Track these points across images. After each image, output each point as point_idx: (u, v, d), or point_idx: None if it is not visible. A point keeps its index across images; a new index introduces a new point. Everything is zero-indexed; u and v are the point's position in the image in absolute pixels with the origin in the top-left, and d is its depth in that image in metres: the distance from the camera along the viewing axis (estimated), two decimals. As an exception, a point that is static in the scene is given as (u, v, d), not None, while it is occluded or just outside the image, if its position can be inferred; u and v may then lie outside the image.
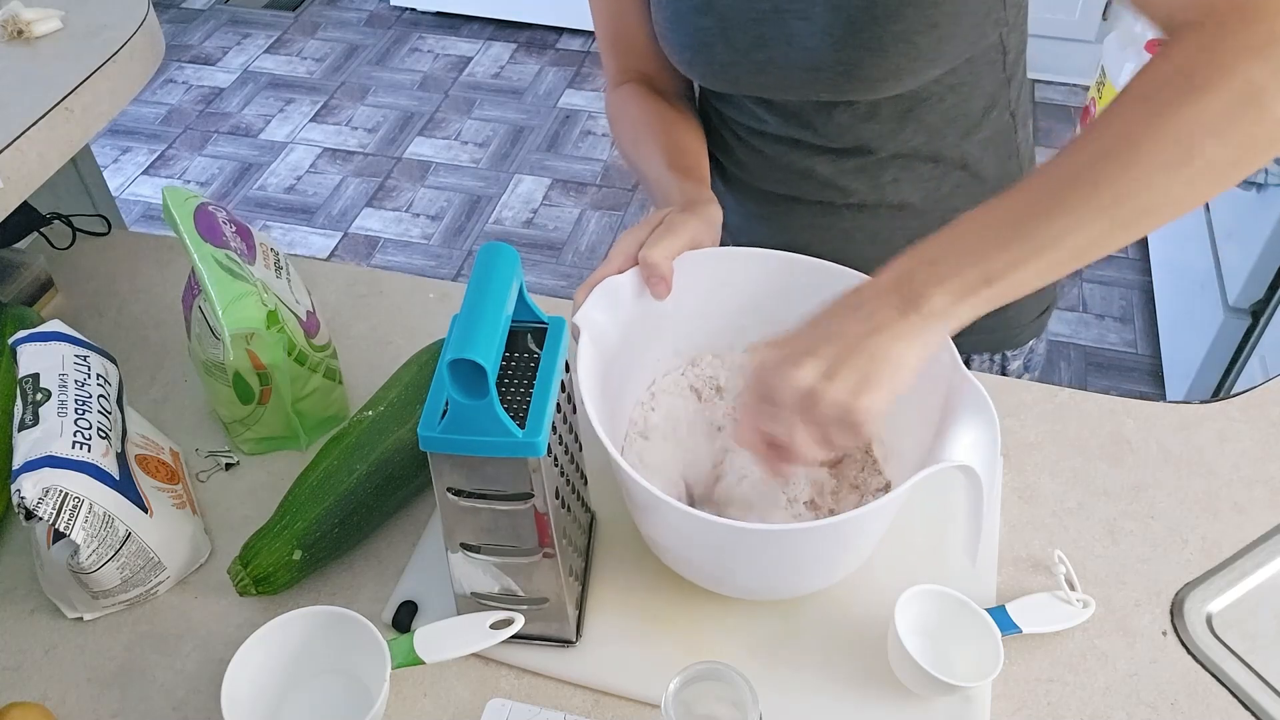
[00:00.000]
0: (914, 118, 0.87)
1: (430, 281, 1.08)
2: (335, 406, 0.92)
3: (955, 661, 0.71)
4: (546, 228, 2.70)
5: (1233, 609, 0.78)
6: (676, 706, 0.61)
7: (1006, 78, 0.89)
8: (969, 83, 0.86)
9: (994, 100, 0.90)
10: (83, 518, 0.71)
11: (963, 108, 0.88)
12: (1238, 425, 0.91)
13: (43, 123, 0.87)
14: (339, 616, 0.71)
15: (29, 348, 0.80)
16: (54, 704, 0.74)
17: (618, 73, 0.98)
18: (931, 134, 0.88)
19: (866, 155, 0.90)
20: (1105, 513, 0.84)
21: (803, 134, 0.90)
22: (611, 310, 0.75)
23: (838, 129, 0.88)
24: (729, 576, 0.74)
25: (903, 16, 0.77)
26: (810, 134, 0.90)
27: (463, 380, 0.58)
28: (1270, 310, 1.83)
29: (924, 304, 0.61)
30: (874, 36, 0.78)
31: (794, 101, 0.88)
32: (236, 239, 0.85)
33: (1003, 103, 0.90)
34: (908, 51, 0.79)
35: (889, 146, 0.89)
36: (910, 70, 0.81)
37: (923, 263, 0.63)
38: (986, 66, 0.86)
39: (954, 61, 0.82)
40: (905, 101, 0.85)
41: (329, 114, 3.11)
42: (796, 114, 0.89)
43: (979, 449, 0.64)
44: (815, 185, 0.93)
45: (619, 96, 0.97)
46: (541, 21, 3.41)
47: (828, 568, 0.74)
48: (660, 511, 0.68)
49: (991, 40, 0.84)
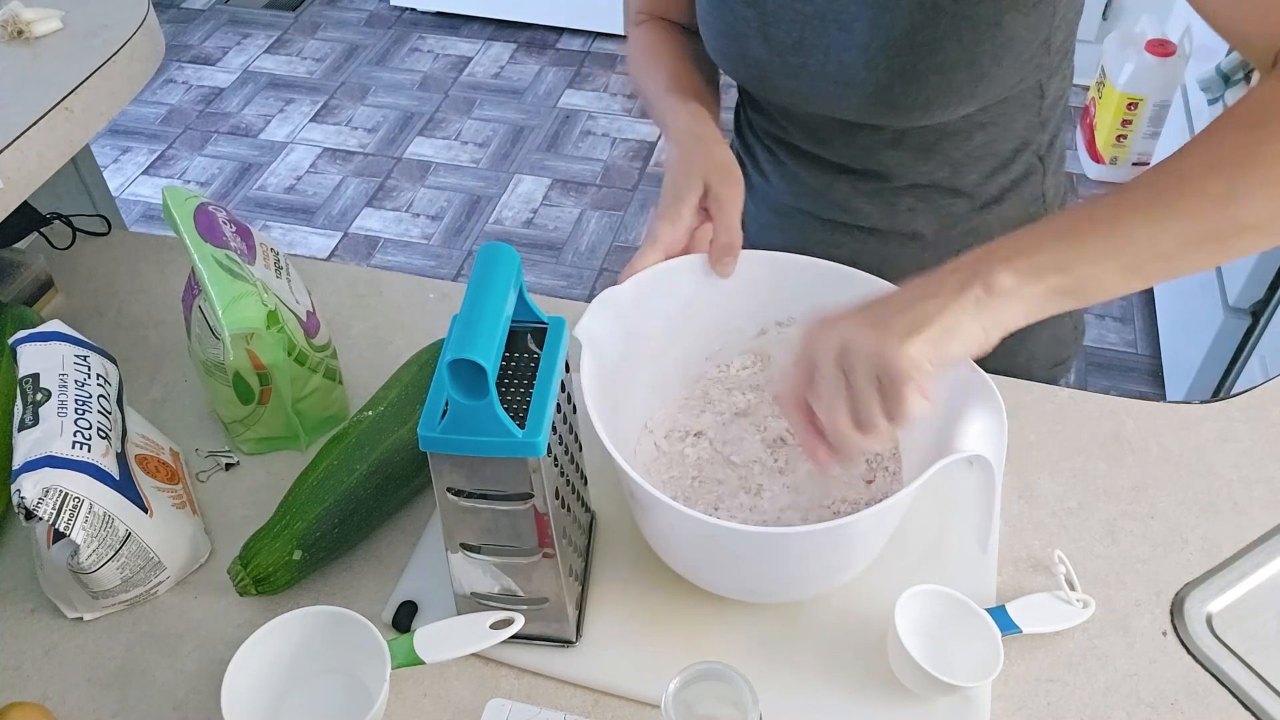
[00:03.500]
0: (940, 151, 0.85)
1: (430, 281, 1.08)
2: (335, 406, 0.92)
3: (955, 661, 0.71)
4: (546, 228, 2.70)
5: (1233, 609, 0.78)
6: (676, 706, 0.61)
7: (1040, 122, 0.87)
8: (1000, 123, 0.84)
9: (1025, 143, 0.88)
10: (83, 518, 0.71)
11: (991, 147, 0.86)
12: (1238, 425, 0.91)
13: (42, 123, 0.86)
14: (339, 616, 0.71)
15: (29, 348, 0.80)
16: (54, 704, 0.74)
17: (640, 13, 0.96)
18: (955, 169, 0.87)
19: (885, 181, 0.88)
20: (1105, 513, 0.84)
21: (823, 151, 0.89)
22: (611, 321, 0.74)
23: (859, 151, 0.87)
24: (730, 578, 0.74)
25: (942, 49, 0.75)
26: (831, 152, 0.88)
27: (463, 380, 0.58)
28: (1270, 310, 1.83)
29: (990, 279, 0.58)
30: (909, 64, 0.76)
31: (819, 116, 0.86)
32: (236, 239, 0.85)
33: (1034, 146, 0.88)
34: (941, 85, 0.77)
35: (909, 176, 0.87)
36: (941, 104, 0.79)
37: (1000, 244, 0.60)
38: (1021, 109, 0.84)
39: (987, 101, 0.80)
40: (932, 134, 0.84)
41: (329, 114, 3.11)
42: (820, 129, 0.88)
43: (989, 438, 0.64)
44: (828, 204, 0.92)
45: (638, 32, 0.95)
46: (541, 21, 3.41)
47: (836, 570, 0.73)
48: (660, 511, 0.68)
49: (1030, 84, 0.82)
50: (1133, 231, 0.59)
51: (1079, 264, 0.59)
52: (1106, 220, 0.59)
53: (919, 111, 0.79)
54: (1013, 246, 0.60)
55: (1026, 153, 0.88)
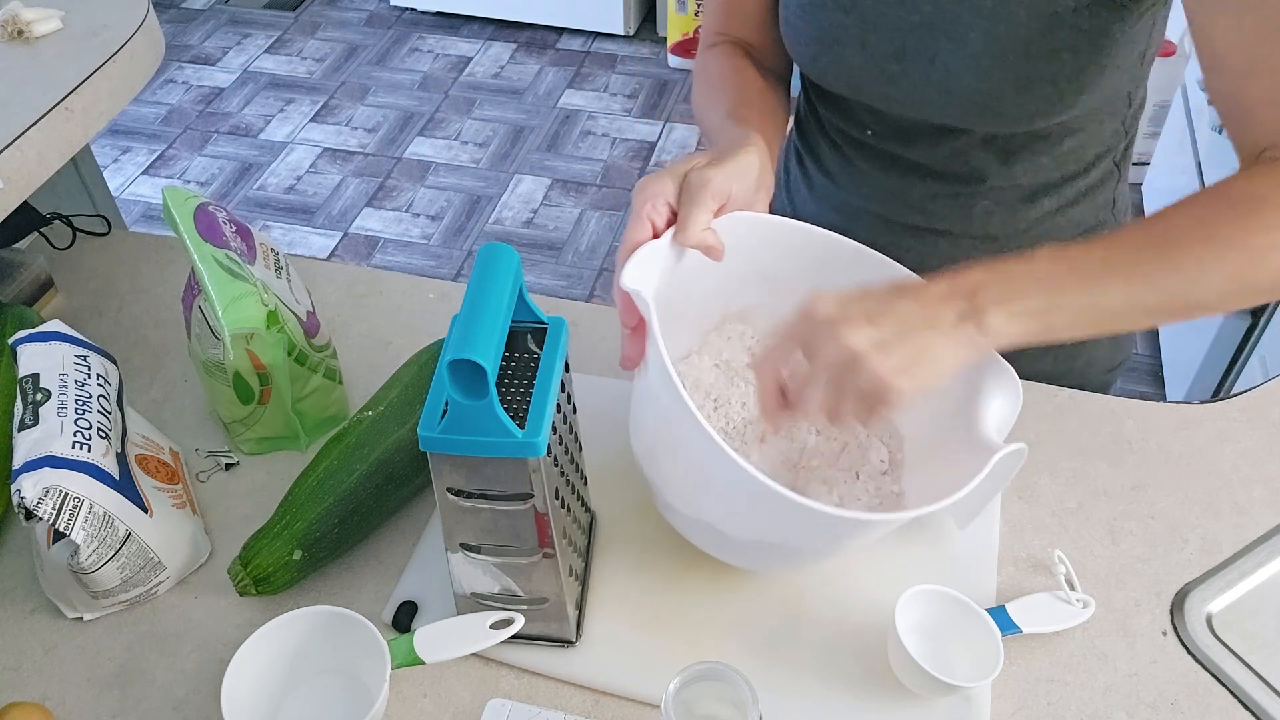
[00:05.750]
0: (1027, 155, 0.85)
1: (430, 281, 1.08)
2: (335, 406, 0.92)
3: (955, 661, 0.71)
4: (546, 228, 2.70)
5: (1233, 609, 0.78)
6: (676, 706, 0.61)
7: (1124, 129, 0.88)
8: (1089, 129, 0.85)
9: (1108, 149, 0.89)
10: (83, 518, 0.71)
11: (1077, 153, 0.87)
12: (1238, 425, 0.91)
13: (43, 123, 0.87)
14: (339, 616, 0.71)
15: (29, 348, 0.80)
16: (54, 704, 0.74)
17: (715, 34, 0.94)
18: (1038, 173, 0.87)
19: (966, 184, 0.88)
20: (1105, 513, 0.84)
21: (906, 152, 0.88)
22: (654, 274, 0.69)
23: (946, 154, 0.86)
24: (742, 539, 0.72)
25: (1058, 59, 0.76)
26: (915, 154, 0.88)
27: (463, 380, 0.58)
28: (1270, 310, 1.83)
29: (983, 319, 0.62)
30: (1022, 74, 0.76)
31: (908, 118, 0.85)
32: (236, 239, 0.85)
33: (1113, 153, 0.90)
34: (1049, 95, 0.77)
35: (993, 179, 0.87)
36: (1045, 113, 0.79)
37: (996, 279, 0.63)
38: (1109, 117, 0.86)
39: (1085, 109, 0.81)
40: (1022, 138, 0.84)
41: (329, 114, 3.11)
42: (906, 132, 0.86)
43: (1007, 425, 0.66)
44: (904, 206, 0.91)
45: (709, 55, 0.92)
46: (541, 21, 3.41)
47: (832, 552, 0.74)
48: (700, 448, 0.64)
49: (1122, 93, 0.84)
50: (1108, 293, 0.64)
51: (1055, 314, 0.64)
52: (1090, 277, 0.64)
53: (1024, 120, 0.80)
54: (1004, 286, 0.63)
55: (1106, 159, 0.90)
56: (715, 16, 0.94)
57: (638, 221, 0.69)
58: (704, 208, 0.69)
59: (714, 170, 0.69)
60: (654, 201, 0.69)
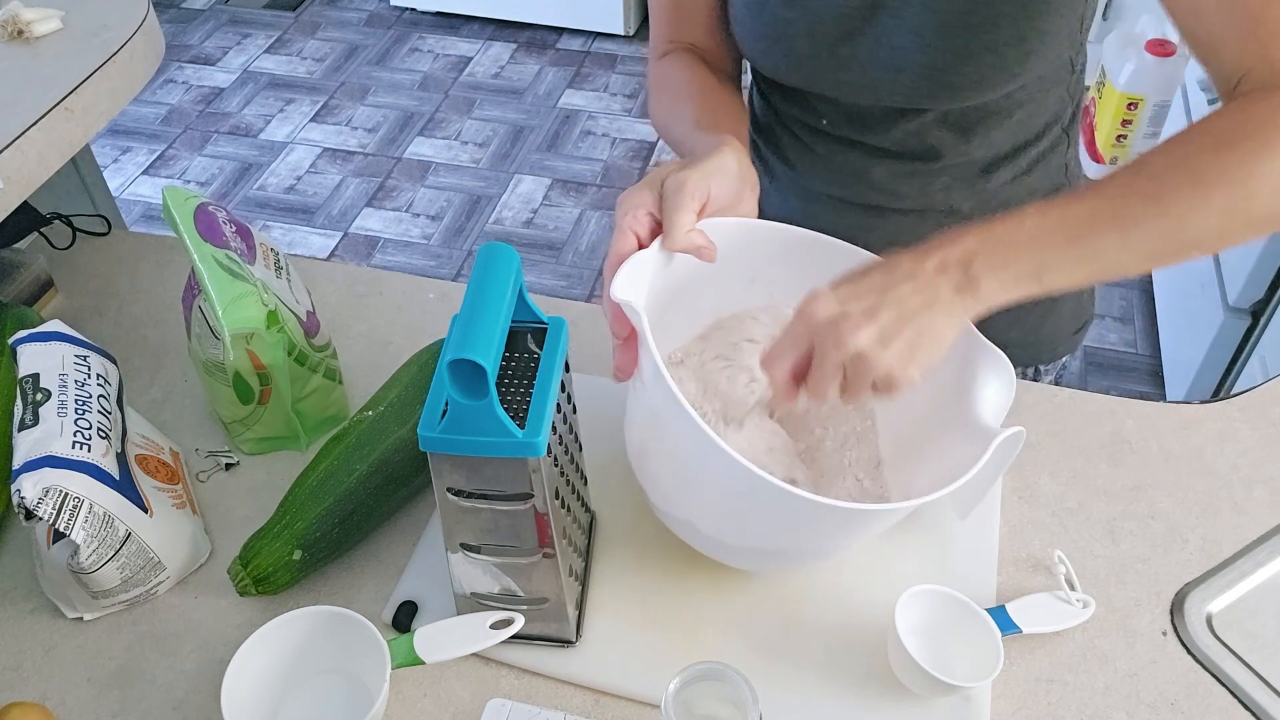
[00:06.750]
0: (980, 130, 0.87)
1: (430, 281, 1.08)
2: (335, 406, 0.92)
3: (955, 661, 0.71)
4: (546, 228, 2.70)
5: (1233, 609, 0.78)
6: (676, 706, 0.61)
7: (1069, 96, 0.90)
8: (1037, 99, 0.87)
9: (1056, 117, 0.90)
10: (83, 518, 0.71)
11: (1027, 123, 0.88)
12: (1238, 425, 0.91)
13: (42, 123, 0.87)
14: (339, 616, 0.71)
15: (29, 348, 0.80)
16: (54, 704, 0.74)
17: (666, 41, 0.94)
18: (991, 146, 0.89)
19: (924, 162, 0.89)
20: (1105, 513, 0.84)
21: (863, 136, 0.89)
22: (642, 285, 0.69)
23: (901, 135, 0.88)
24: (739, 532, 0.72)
25: (997, 28, 0.77)
26: (871, 137, 0.89)
27: (463, 380, 0.58)
28: (1270, 310, 1.83)
29: (979, 288, 0.63)
30: (964, 44, 0.78)
31: (861, 104, 0.87)
32: (236, 239, 0.85)
33: (1061, 120, 0.91)
34: (994, 63, 0.79)
35: (949, 156, 0.89)
36: (991, 83, 0.81)
37: (988, 246, 0.64)
38: (1055, 85, 0.87)
39: (1030, 78, 0.83)
40: (975, 114, 0.86)
41: (329, 114, 3.11)
42: (861, 116, 0.88)
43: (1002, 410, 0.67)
44: (866, 188, 0.92)
45: (663, 66, 0.93)
46: (541, 21, 3.41)
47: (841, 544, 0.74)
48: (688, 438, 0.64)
49: (1064, 60, 0.85)
50: (1102, 245, 0.64)
51: (1051, 272, 0.64)
52: (1081, 230, 0.64)
53: (970, 91, 0.81)
54: (997, 252, 0.64)
55: (1055, 127, 0.91)
56: (664, 24, 0.95)
57: (621, 234, 0.69)
58: (685, 209, 0.69)
59: (689, 171, 0.70)
60: (634, 213, 0.69)
